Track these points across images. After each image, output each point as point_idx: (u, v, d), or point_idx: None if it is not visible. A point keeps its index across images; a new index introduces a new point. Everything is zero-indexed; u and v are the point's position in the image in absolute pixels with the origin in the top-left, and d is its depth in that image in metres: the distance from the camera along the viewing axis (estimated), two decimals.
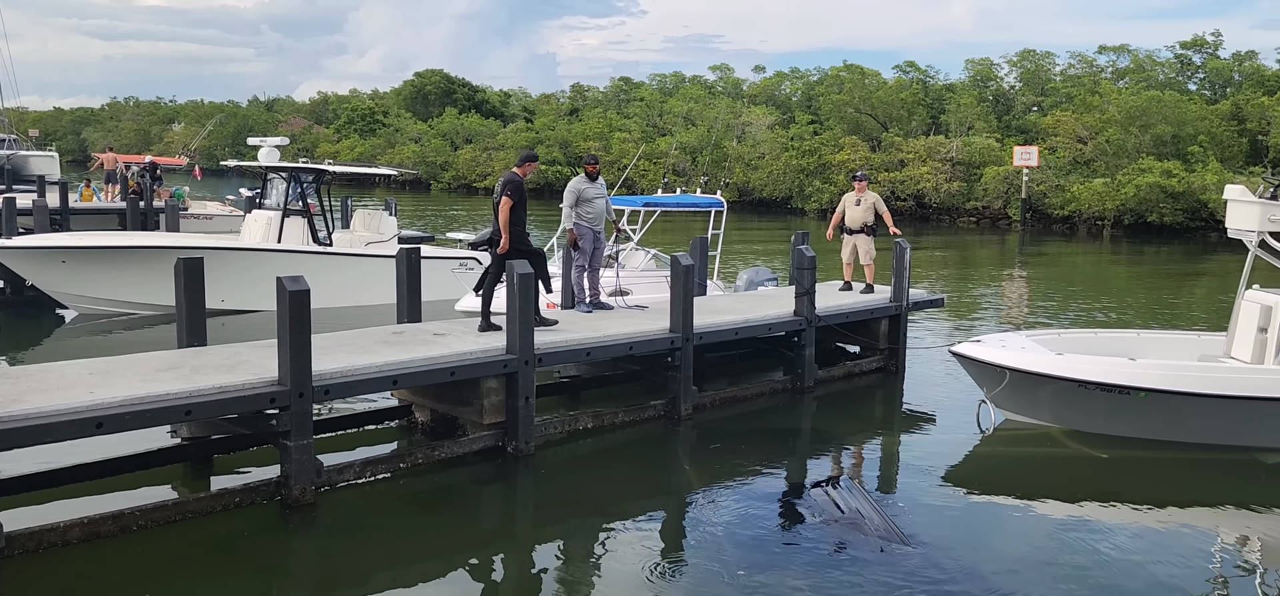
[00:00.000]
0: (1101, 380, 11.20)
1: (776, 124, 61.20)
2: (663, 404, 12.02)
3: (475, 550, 8.44)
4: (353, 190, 53.77)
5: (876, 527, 8.66)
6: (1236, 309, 12.09)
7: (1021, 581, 7.85)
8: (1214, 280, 28.17)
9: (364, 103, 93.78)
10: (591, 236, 12.81)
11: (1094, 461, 11.06)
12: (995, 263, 34.28)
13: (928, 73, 64.81)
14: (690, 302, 11.86)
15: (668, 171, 24.97)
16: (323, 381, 8.91)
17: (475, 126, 77.44)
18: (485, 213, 51.92)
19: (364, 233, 20.42)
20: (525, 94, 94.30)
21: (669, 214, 20.33)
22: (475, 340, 10.56)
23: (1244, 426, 11.11)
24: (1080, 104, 51.57)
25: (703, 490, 9.84)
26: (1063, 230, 45.80)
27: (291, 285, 8.50)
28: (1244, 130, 46.95)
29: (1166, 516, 9.60)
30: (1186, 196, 41.58)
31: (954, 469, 10.94)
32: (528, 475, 10.06)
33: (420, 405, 11.26)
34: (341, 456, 9.84)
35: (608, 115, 71.94)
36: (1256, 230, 11.50)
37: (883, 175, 50.00)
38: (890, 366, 14.77)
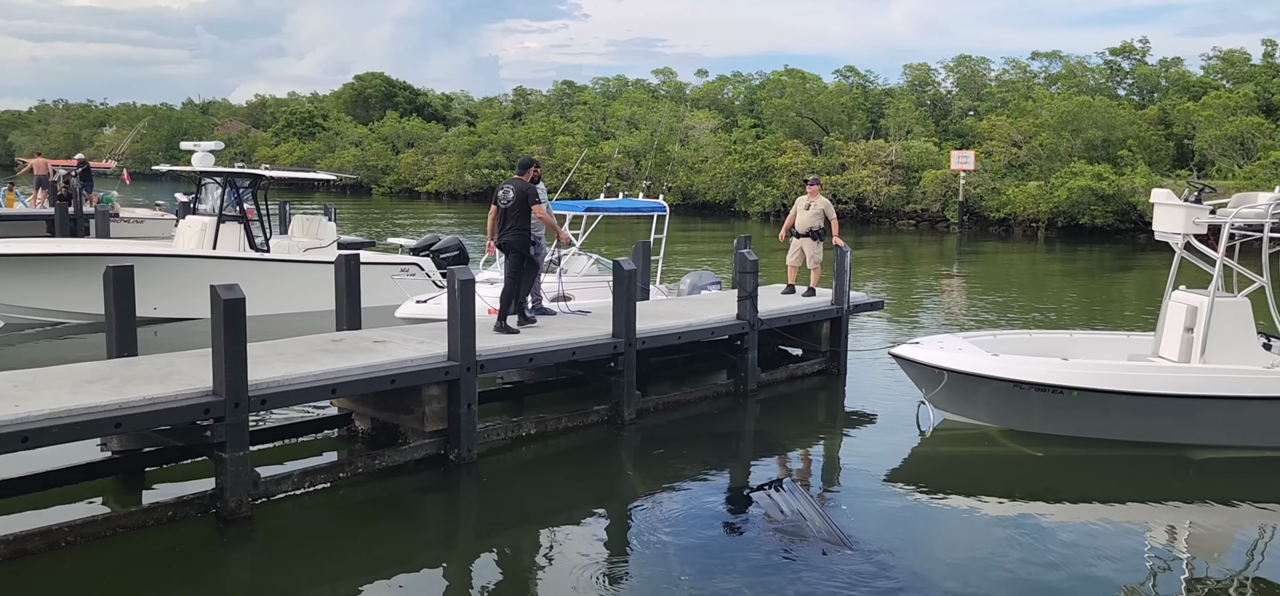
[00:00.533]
0: (1035, 380, 11.43)
1: (719, 128, 61.56)
2: (606, 409, 12.00)
3: (416, 560, 8.34)
4: (291, 195, 52.91)
5: (818, 530, 8.73)
6: (1164, 309, 12.42)
7: (962, 580, 7.97)
8: (1143, 280, 28.92)
9: (303, 106, 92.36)
10: (537, 243, 12.74)
11: (1030, 459, 11.27)
12: (934, 264, 34.83)
13: (867, 77, 65.67)
14: (633, 307, 11.86)
15: (611, 175, 24.96)
16: (259, 391, 8.75)
17: (417, 130, 76.72)
18: (429, 218, 51.44)
19: (302, 238, 20.10)
20: (468, 97, 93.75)
21: (612, 218, 20.32)
22: (416, 347, 10.44)
23: (1172, 423, 11.41)
24: (1015, 109, 52.67)
25: (646, 495, 9.84)
26: (999, 232, 46.70)
27: (226, 293, 8.33)
28: (1171, 134, 48.33)
29: (1100, 512, 9.82)
30: (1116, 199, 42.65)
31: (895, 469, 11.08)
32: (470, 482, 9.98)
33: (360, 413, 11.11)
34: (279, 467, 9.69)
35: (551, 119, 71.79)
36: (1182, 233, 11.82)
37: (825, 178, 50.50)
38: (832, 369, 14.92)
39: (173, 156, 68.23)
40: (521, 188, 11.77)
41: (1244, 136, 43.30)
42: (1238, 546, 9.31)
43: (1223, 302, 11.61)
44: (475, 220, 48.66)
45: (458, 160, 68.66)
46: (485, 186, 66.06)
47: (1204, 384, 11.32)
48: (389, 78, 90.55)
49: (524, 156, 12.76)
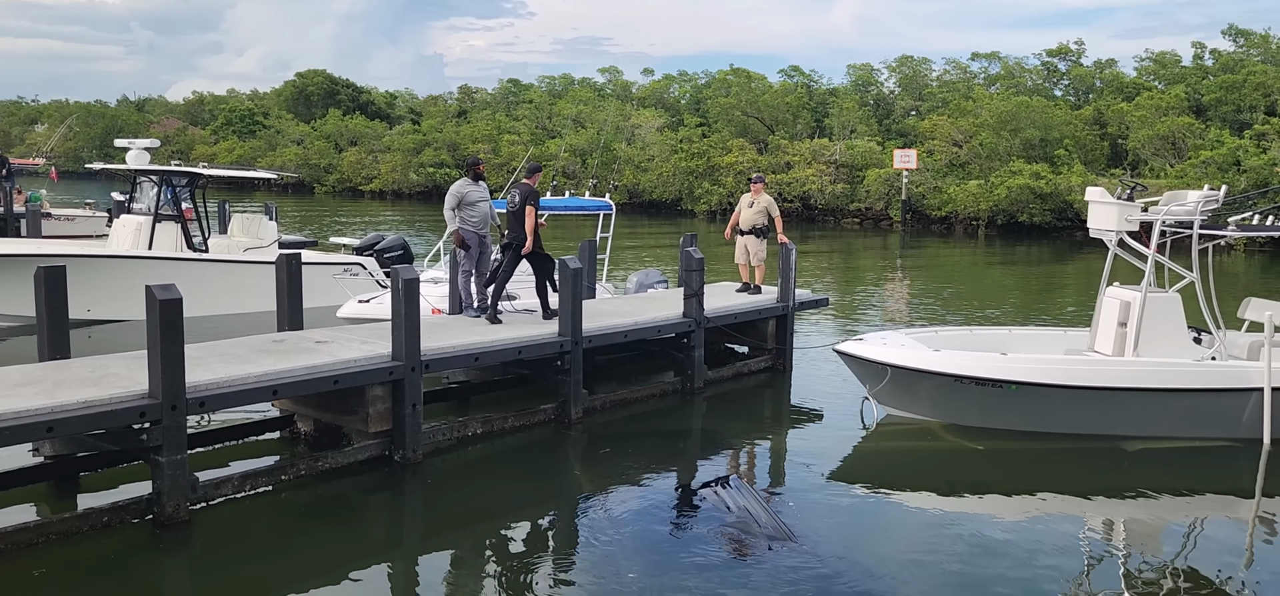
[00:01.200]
0: (975, 375, 11.63)
1: (665, 126, 61.72)
2: (553, 408, 11.97)
3: (361, 562, 8.24)
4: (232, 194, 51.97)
5: (764, 525, 8.79)
6: (1099, 305, 12.71)
7: (905, 572, 8.08)
8: (1080, 277, 29.56)
9: (242, 103, 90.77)
10: (476, 240, 12.67)
11: (970, 453, 11.47)
12: (878, 262, 35.27)
13: (811, 77, 66.31)
14: (579, 306, 11.84)
15: (557, 174, 24.90)
16: (197, 393, 8.58)
17: (360, 128, 75.81)
18: (373, 217, 50.84)
19: (242, 238, 19.76)
20: (412, 96, 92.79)
21: (558, 217, 20.27)
22: (359, 347, 10.32)
23: (1107, 416, 11.69)
24: (955, 109, 53.56)
25: (594, 493, 9.84)
26: (940, 230, 47.42)
27: (162, 293, 8.16)
28: (1105, 134, 49.48)
29: (1038, 503, 10.03)
30: (1054, 197, 43.55)
31: (840, 464, 11.19)
32: (416, 483, 9.89)
33: (303, 415, 10.95)
34: (219, 471, 9.51)
35: (496, 117, 71.39)
36: (1115, 229, 12.10)
37: (770, 177, 50.85)
38: (778, 366, 15.03)
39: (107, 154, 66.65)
40: (524, 191, 12.53)
41: (1175, 136, 44.46)
42: (1170, 534, 9.56)
43: (1155, 298, 11.91)
44: (420, 219, 48.21)
45: (402, 159, 67.98)
46: (430, 185, 65.52)
47: (1137, 377, 11.61)
48: (331, 75, 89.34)
49: (534, 161, 13.64)
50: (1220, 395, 11.55)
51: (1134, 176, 35.82)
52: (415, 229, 41.87)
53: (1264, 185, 34.08)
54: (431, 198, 63.00)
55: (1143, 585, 8.11)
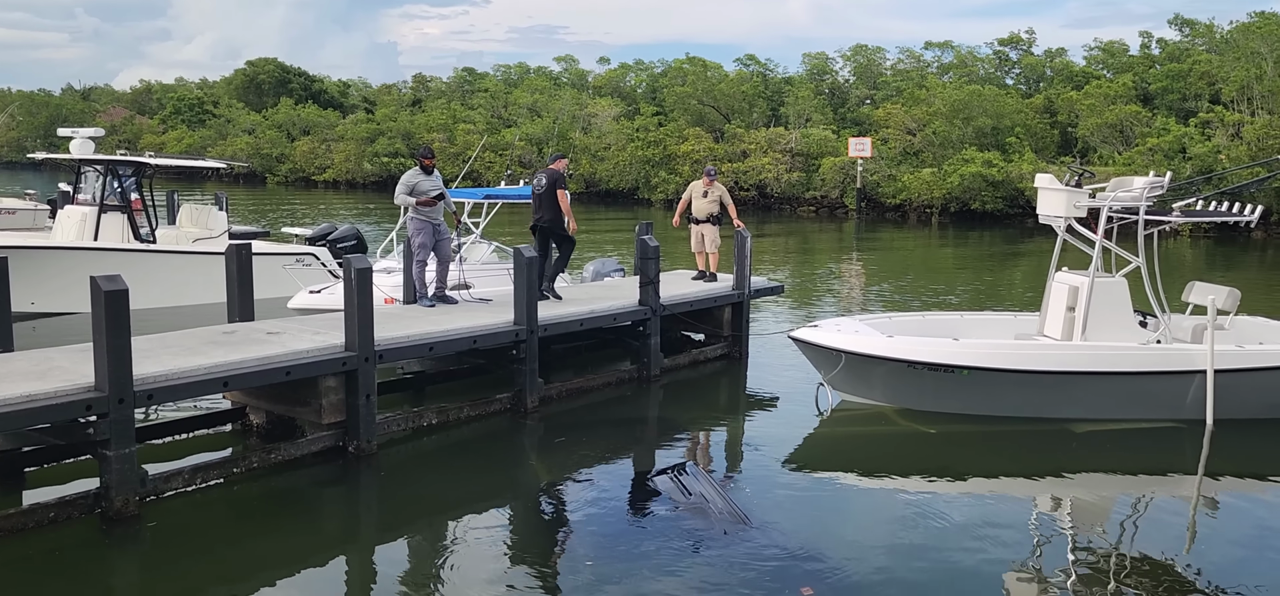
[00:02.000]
0: (928, 360, 11.77)
1: (622, 115, 61.62)
2: (509, 397, 11.93)
3: (315, 554, 8.16)
4: (182, 185, 51.10)
5: (720, 511, 8.84)
6: (1047, 290, 12.92)
7: (860, 555, 8.17)
8: (1031, 263, 30.02)
9: (191, 92, 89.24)
10: (430, 230, 12.57)
11: (924, 437, 11.61)
12: (833, 250, 35.55)
13: (767, 66, 66.54)
14: (534, 294, 11.81)
15: (512, 163, 24.78)
16: (145, 385, 8.44)
17: (313, 117, 74.83)
18: (327, 207, 50.26)
19: (191, 229, 19.44)
20: (365, 84, 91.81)
21: (514, 206, 20.18)
22: (312, 338, 10.21)
23: (1056, 399, 11.89)
24: (909, 97, 54.05)
25: (550, 482, 9.83)
26: (895, 218, 47.91)
27: (107, 284, 8.01)
28: (1055, 122, 50.25)
29: (990, 486, 10.19)
30: (1006, 185, 44.16)
31: (795, 450, 11.28)
32: (370, 474, 9.81)
33: (255, 407, 10.82)
34: (169, 464, 9.37)
35: (451, 106, 70.82)
36: (1064, 216, 12.30)
37: (726, 166, 51.10)
38: (734, 353, 15.11)
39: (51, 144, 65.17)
40: (552, 175, 13.29)
41: (1123, 124, 45.26)
42: (1117, 512, 9.76)
43: (1102, 283, 12.13)
44: (374, 209, 47.75)
45: (356, 148, 67.25)
46: (385, 175, 64.89)
47: (1085, 360, 11.82)
48: (283, 63, 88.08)
49: (559, 150, 14.11)
50: (1165, 377, 11.80)
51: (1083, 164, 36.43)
52: (370, 219, 41.47)
53: (1208, 171, 34.84)
54: (386, 187, 62.39)
55: (1092, 562, 8.27)
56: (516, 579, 7.71)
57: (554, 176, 13.30)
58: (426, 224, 12.51)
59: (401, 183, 12.51)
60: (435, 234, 12.62)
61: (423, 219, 12.49)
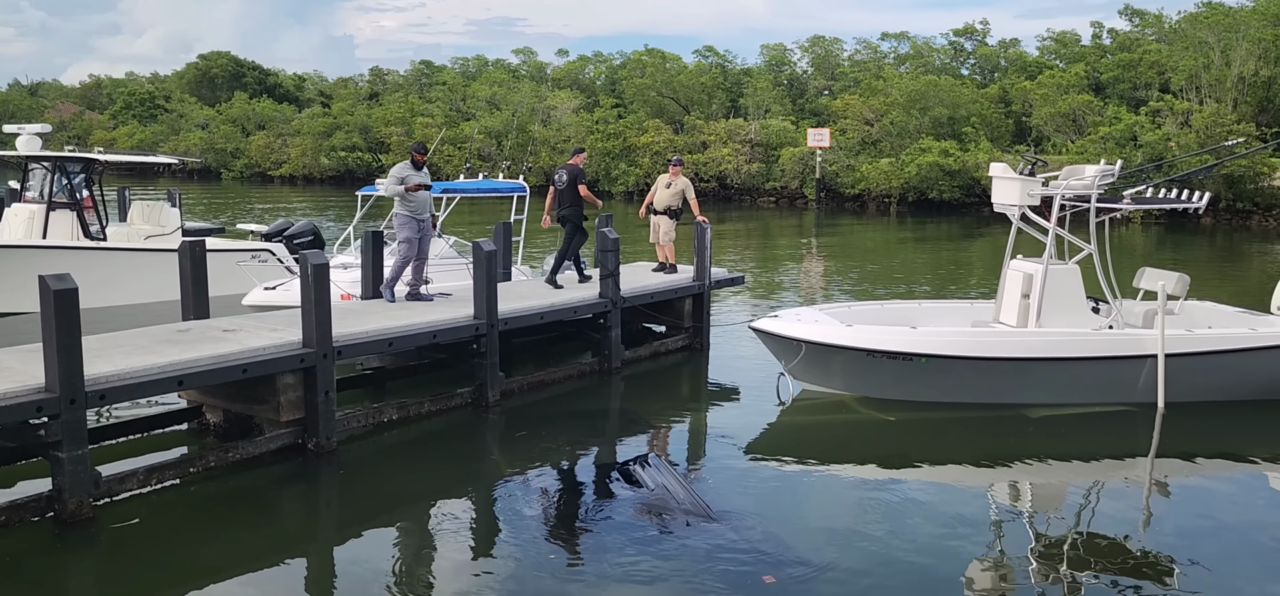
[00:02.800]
0: (886, 348, 11.88)
1: (581, 108, 61.52)
2: (470, 391, 11.88)
3: (275, 554, 8.07)
4: (134, 181, 50.22)
5: (682, 502, 8.87)
6: (1003, 277, 13.08)
7: (822, 542, 8.23)
8: (987, 250, 30.40)
9: (142, 87, 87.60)
10: (416, 225, 12.42)
11: (883, 424, 11.72)
12: (793, 240, 35.76)
13: (726, 57, 66.80)
14: (494, 288, 11.76)
15: (471, 156, 24.64)
16: (98, 385, 8.29)
17: (268, 112, 73.88)
18: (284, 203, 49.67)
19: (143, 225, 19.13)
20: (321, 78, 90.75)
21: (475, 200, 20.06)
22: (269, 335, 10.09)
23: (1012, 385, 12.05)
24: (866, 88, 54.50)
25: (512, 476, 9.80)
26: (854, 208, 48.27)
27: (56, 283, 7.85)
28: (1010, 112, 50.91)
29: (949, 471, 10.32)
30: (962, 174, 44.68)
31: (757, 440, 11.34)
32: (330, 471, 9.72)
33: (211, 406, 10.67)
34: (123, 464, 9.22)
35: (409, 100, 70.25)
36: (1018, 204, 12.45)
37: (687, 157, 51.21)
38: (695, 344, 15.15)
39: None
40: (572, 170, 14.21)
41: (1076, 113, 45.96)
42: (1073, 494, 9.93)
43: (1055, 270, 12.30)
44: (332, 204, 47.28)
45: (312, 142, 66.50)
46: (342, 170, 64.29)
47: (1039, 347, 11.99)
48: (236, 57, 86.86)
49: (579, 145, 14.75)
50: (1117, 362, 12.01)
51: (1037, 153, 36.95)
52: (330, 214, 41.06)
53: (1159, 159, 35.48)
54: (344, 182, 61.86)
55: (1050, 544, 8.41)
56: (479, 573, 7.68)
57: (574, 171, 14.16)
58: (412, 220, 12.36)
59: (392, 174, 12.37)
60: (420, 229, 12.49)
61: (408, 215, 12.33)
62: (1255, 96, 43.09)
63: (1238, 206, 40.24)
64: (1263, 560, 8.20)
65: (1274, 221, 39.77)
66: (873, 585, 7.51)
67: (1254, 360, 12.11)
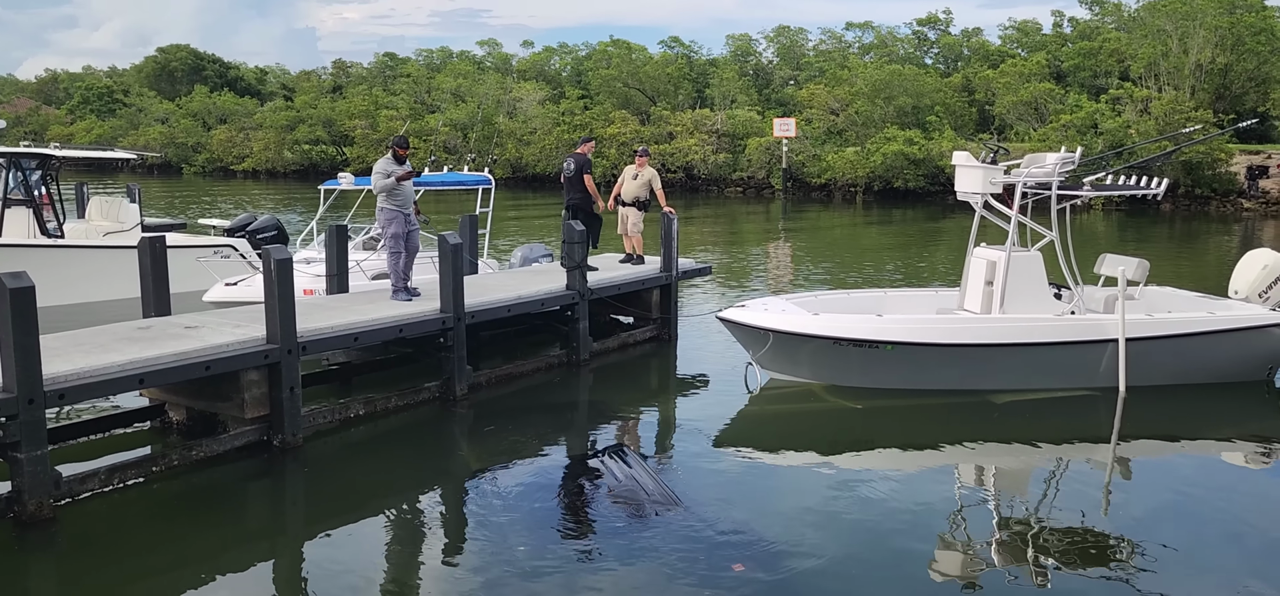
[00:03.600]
0: (853, 336, 11.96)
1: (547, 99, 61.32)
2: (437, 385, 11.82)
3: (240, 551, 7.99)
4: (92, 177, 49.41)
5: (652, 492, 8.88)
6: (967, 265, 13.20)
7: (791, 530, 8.27)
8: (952, 238, 30.68)
9: (100, 81, 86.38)
10: (402, 220, 12.24)
11: (851, 412, 11.80)
12: (760, 230, 35.87)
13: (691, 48, 66.81)
14: (460, 281, 11.70)
15: (436, 149, 24.49)
16: (56, 385, 8.16)
17: (230, 105, 73.00)
18: (246, 196, 49.13)
19: (102, 222, 18.84)
20: (283, 71, 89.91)
21: (442, 193, 19.96)
22: (232, 331, 9.97)
23: (976, 371, 12.18)
24: (832, 77, 54.75)
25: (481, 470, 9.76)
26: (820, 197, 48.50)
27: (11, 281, 7.71)
28: (973, 101, 51.36)
29: (916, 457, 10.41)
30: (927, 163, 45.03)
31: (725, 429, 11.38)
32: (297, 468, 9.64)
33: (174, 404, 10.55)
34: (85, 464, 9.09)
35: (373, 92, 69.70)
36: (980, 192, 12.57)
37: (653, 148, 51.22)
38: (663, 335, 15.16)
39: None
40: (578, 160, 14.86)
41: (1038, 101, 46.44)
42: (1038, 478, 10.06)
43: (1018, 257, 12.44)
44: (296, 199, 46.81)
45: (275, 136, 65.79)
46: (306, 164, 63.67)
47: (1003, 333, 12.12)
48: (196, 50, 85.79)
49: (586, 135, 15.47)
50: (1079, 347, 12.17)
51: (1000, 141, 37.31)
52: (295, 209, 40.66)
53: (1119, 147, 35.95)
54: (308, 176, 61.23)
55: (1014, 528, 8.51)
56: (449, 567, 7.66)
57: (580, 161, 14.79)
58: (398, 214, 12.18)
59: (377, 170, 12.10)
60: (407, 224, 12.31)
61: (395, 209, 12.16)
62: (1212, 83, 43.77)
63: (1196, 192, 40.90)
64: (1220, 537, 8.35)
65: (1231, 207, 40.46)
66: (840, 570, 7.56)
67: (1212, 343, 12.32)
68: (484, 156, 21.80)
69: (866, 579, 7.48)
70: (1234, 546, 8.20)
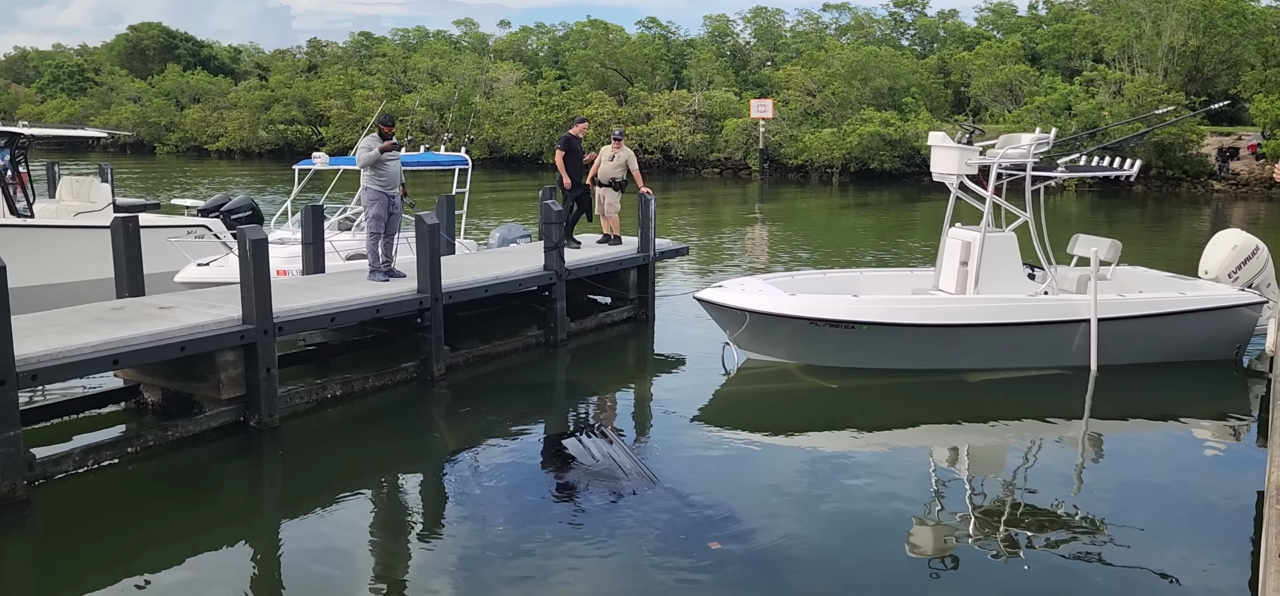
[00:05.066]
0: (829, 317, 12.03)
1: (524, 79, 61.04)
2: (415, 366, 11.80)
3: (217, 532, 7.96)
4: (63, 156, 48.83)
5: (629, 472, 8.93)
6: (942, 245, 13.30)
7: (765, 509, 8.34)
8: (928, 219, 30.85)
9: (71, 59, 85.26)
10: (386, 201, 12.16)
11: (827, 392, 11.88)
12: (738, 211, 35.93)
13: (669, 29, 66.70)
14: (437, 261, 11.67)
15: (413, 129, 24.35)
16: (29, 366, 8.10)
17: (203, 84, 72.25)
18: (221, 175, 48.69)
19: (72, 202, 18.63)
20: (257, 50, 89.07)
21: (418, 173, 19.86)
22: (207, 311, 9.92)
23: (951, 351, 12.29)
24: (808, 59, 54.81)
25: (458, 450, 9.78)
26: (797, 178, 48.61)
27: None
28: (949, 82, 51.60)
29: (891, 436, 10.51)
30: (903, 144, 45.22)
31: (702, 410, 11.42)
32: (273, 448, 9.62)
33: (149, 385, 10.48)
34: (59, 446, 9.03)
35: (349, 72, 69.17)
36: (956, 173, 12.66)
37: (630, 129, 51.15)
38: (640, 315, 15.19)
39: None
40: (563, 141, 15.10)
41: (1012, 83, 46.69)
42: (1010, 458, 10.18)
43: (992, 237, 12.54)
44: (272, 179, 46.44)
45: (250, 116, 65.19)
46: (281, 143, 63.14)
47: (977, 313, 12.23)
48: (168, 28, 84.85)
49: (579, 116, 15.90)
50: (1052, 327, 12.29)
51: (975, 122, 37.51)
52: (273, 189, 40.33)
53: (1093, 128, 36.24)
54: (283, 155, 60.77)
55: (989, 505, 8.62)
56: (426, 548, 7.67)
57: (564, 141, 14.96)
58: (382, 195, 12.09)
59: (361, 146, 11.99)
60: (390, 205, 12.24)
61: (379, 189, 12.07)
62: (1184, 65, 44.16)
63: (1168, 174, 41.31)
64: (1188, 512, 8.49)
65: (1202, 188, 40.90)
66: (816, 547, 7.64)
67: (1182, 323, 12.48)
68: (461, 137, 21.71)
69: (842, 556, 7.56)
70: (1202, 521, 8.33)
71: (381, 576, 7.21)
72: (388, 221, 12.25)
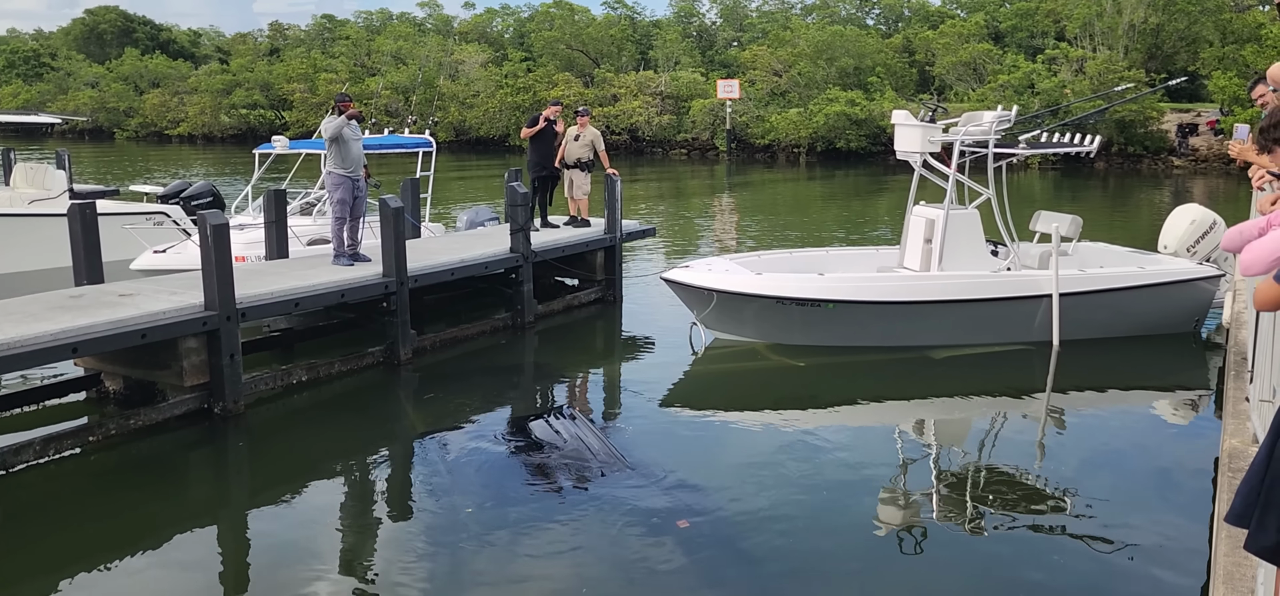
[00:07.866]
0: (795, 295, 12.09)
1: (489, 62, 60.64)
2: (381, 350, 11.73)
3: (182, 521, 7.88)
4: (19, 143, 47.93)
5: (598, 453, 8.93)
6: (906, 223, 13.39)
7: (733, 487, 8.38)
8: (893, 198, 31.04)
9: (25, 44, 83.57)
10: (350, 184, 12.01)
11: (794, 370, 11.95)
12: (705, 192, 35.96)
13: (634, 10, 66.46)
14: (402, 245, 11.60)
15: (377, 113, 24.13)
16: None
17: (162, 69, 71.11)
18: (182, 161, 48.00)
19: (26, 189, 18.29)
20: (218, 33, 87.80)
21: (383, 156, 19.69)
22: (168, 298, 9.79)
23: (915, 328, 12.39)
24: (774, 39, 54.85)
25: (426, 433, 9.74)
26: (764, 158, 48.72)
27: None
28: (914, 61, 51.89)
29: (858, 413, 10.60)
30: (868, 123, 45.45)
31: (671, 389, 11.46)
32: (238, 435, 9.53)
33: (110, 373, 10.34)
34: (18, 435, 8.90)
35: (311, 55, 68.35)
36: (919, 151, 12.73)
37: (597, 110, 51.01)
38: (608, 296, 15.19)
39: None
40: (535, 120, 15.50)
41: (976, 62, 47.02)
42: (975, 433, 10.29)
43: (956, 215, 12.64)
44: (234, 163, 45.84)
45: (211, 101, 64.28)
46: (243, 128, 62.36)
47: (941, 290, 12.34)
48: (125, 12, 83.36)
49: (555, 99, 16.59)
50: (1014, 303, 12.43)
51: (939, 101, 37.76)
52: (233, 175, 39.83)
53: (1055, 105, 36.60)
54: (246, 140, 59.97)
55: (954, 480, 8.72)
56: (395, 532, 7.65)
57: (533, 120, 15.48)
58: (346, 180, 11.95)
59: (328, 128, 11.82)
60: (355, 189, 12.09)
61: (343, 174, 11.93)
62: (1144, 43, 44.66)
63: (1128, 150, 41.82)
64: (1148, 482, 8.64)
65: (1162, 164, 41.44)
66: (785, 525, 7.69)
67: (1142, 297, 12.66)
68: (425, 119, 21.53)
69: (810, 532, 7.62)
70: (1161, 489, 8.49)
71: (350, 562, 7.18)
72: (352, 205, 12.12)
